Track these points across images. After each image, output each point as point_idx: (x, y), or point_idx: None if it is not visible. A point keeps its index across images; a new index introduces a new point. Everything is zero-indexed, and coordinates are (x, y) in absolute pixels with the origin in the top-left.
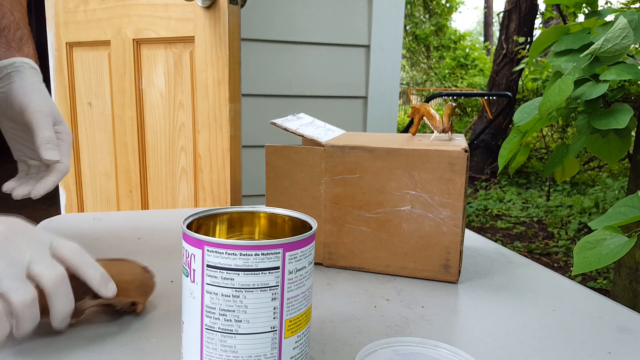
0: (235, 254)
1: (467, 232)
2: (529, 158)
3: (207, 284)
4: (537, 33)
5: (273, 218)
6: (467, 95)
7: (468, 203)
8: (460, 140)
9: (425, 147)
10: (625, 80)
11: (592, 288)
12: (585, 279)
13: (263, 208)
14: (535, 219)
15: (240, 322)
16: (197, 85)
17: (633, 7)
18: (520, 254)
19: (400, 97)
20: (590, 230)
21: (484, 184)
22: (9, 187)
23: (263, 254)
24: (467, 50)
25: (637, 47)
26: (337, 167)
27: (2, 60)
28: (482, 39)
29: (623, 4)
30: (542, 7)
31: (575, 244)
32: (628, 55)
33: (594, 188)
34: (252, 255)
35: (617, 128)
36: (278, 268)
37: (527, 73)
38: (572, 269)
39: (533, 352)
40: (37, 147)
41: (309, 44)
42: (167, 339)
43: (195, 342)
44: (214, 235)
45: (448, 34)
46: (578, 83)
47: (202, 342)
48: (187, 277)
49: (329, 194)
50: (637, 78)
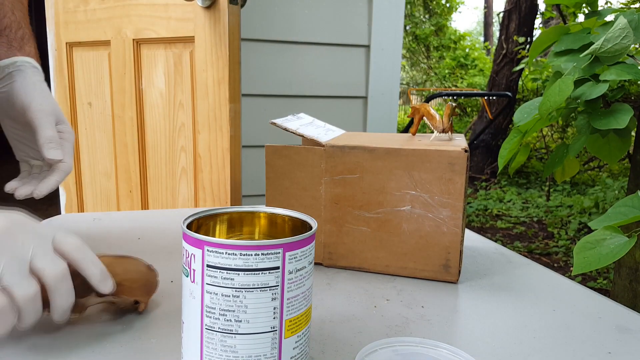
0: (235, 254)
1: (467, 232)
2: (529, 158)
3: (207, 284)
4: (537, 33)
5: (273, 218)
6: (467, 95)
7: (468, 203)
8: (460, 140)
9: (425, 147)
10: (625, 80)
11: (592, 288)
12: (585, 279)
13: (263, 208)
14: (535, 219)
15: (240, 322)
16: (197, 85)
17: (633, 7)
18: (520, 254)
19: (400, 97)
20: (590, 230)
21: (484, 184)
22: (12, 187)
23: (263, 254)
24: (467, 50)
25: (637, 47)
26: (337, 167)
27: (3, 60)
28: (482, 39)
29: (623, 4)
30: (542, 7)
31: (575, 244)
32: (628, 55)
33: (594, 188)
34: (252, 255)
35: (617, 128)
36: (278, 268)
37: (527, 73)
38: (572, 269)
39: (533, 352)
40: (39, 146)
41: (309, 44)
42: (167, 339)
43: (195, 342)
44: (214, 235)
45: (448, 34)
46: (578, 83)
47: (202, 342)
48: (187, 277)
49: (329, 194)
50: (637, 78)
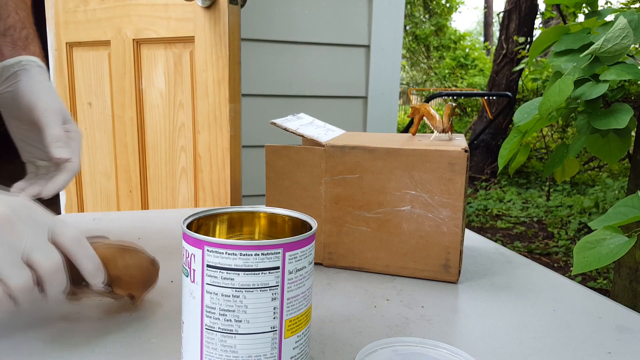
0: (235, 254)
1: (467, 232)
2: (529, 158)
3: (207, 284)
4: (537, 33)
5: (273, 218)
6: (467, 95)
7: (468, 203)
8: (460, 140)
9: (425, 147)
10: (625, 80)
11: (592, 288)
12: (585, 279)
13: (263, 208)
14: (535, 219)
15: (240, 322)
16: (197, 85)
17: (633, 7)
18: (520, 254)
19: (400, 97)
20: (590, 230)
21: (484, 184)
22: (19, 188)
23: (263, 254)
24: (467, 50)
25: (637, 47)
26: (337, 167)
27: (8, 59)
28: (482, 39)
29: (623, 4)
30: (542, 7)
31: (575, 244)
32: (628, 55)
33: (594, 188)
34: (252, 255)
35: (617, 128)
36: (278, 268)
37: (527, 73)
38: (572, 269)
39: (533, 352)
40: (46, 145)
41: (309, 44)
42: (167, 339)
43: (195, 342)
44: (214, 235)
45: (448, 34)
46: (578, 83)
47: (202, 342)
48: (187, 277)
49: (329, 194)
50: (637, 78)
